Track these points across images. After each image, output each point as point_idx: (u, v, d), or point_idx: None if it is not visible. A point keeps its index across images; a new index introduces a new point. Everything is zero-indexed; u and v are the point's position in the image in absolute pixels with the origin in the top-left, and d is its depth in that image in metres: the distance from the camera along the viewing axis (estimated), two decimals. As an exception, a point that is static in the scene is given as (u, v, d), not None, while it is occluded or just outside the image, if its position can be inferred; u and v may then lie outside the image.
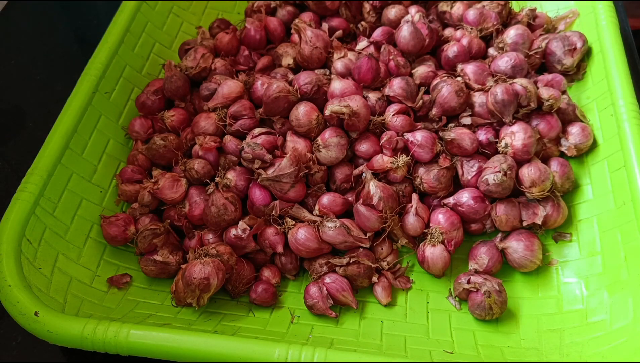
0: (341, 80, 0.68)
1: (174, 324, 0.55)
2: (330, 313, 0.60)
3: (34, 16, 0.97)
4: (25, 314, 0.51)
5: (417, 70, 0.73)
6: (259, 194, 0.64)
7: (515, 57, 0.72)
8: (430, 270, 0.64)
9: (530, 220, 0.64)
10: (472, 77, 0.71)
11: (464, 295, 0.61)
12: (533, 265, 0.62)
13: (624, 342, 0.52)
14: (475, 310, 0.60)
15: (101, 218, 0.64)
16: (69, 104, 0.66)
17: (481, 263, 0.63)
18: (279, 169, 0.62)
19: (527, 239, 0.63)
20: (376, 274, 0.63)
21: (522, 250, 0.62)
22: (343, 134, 0.66)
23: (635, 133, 0.62)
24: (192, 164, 0.66)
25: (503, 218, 0.64)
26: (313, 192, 0.65)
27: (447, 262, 0.63)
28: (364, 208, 0.62)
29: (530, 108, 0.67)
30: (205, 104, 0.71)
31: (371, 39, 0.75)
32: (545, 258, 0.64)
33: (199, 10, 0.89)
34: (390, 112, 0.67)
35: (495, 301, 0.58)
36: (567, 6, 0.81)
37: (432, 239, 0.63)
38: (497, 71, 0.72)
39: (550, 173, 0.64)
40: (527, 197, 0.65)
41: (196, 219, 0.65)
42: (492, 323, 0.60)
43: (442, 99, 0.67)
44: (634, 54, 0.81)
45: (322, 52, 0.73)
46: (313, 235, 0.62)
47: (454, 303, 0.62)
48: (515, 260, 0.63)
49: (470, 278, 0.60)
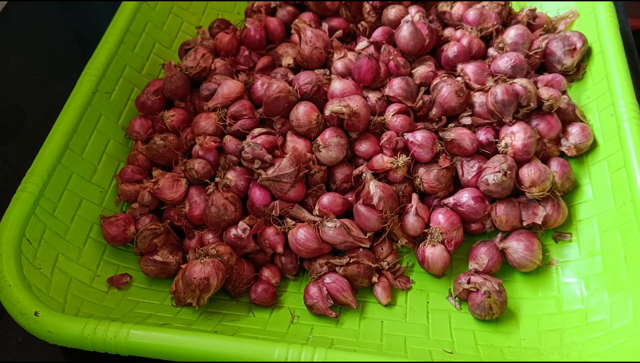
0: (341, 80, 0.68)
1: (174, 324, 0.55)
2: (330, 313, 0.60)
3: (34, 16, 0.97)
4: (25, 314, 0.51)
5: (417, 70, 0.73)
6: (259, 194, 0.64)
7: (515, 57, 0.72)
8: (430, 270, 0.64)
9: (530, 220, 0.64)
10: (472, 77, 0.71)
11: (464, 295, 0.61)
12: (533, 265, 0.62)
13: (624, 342, 0.52)
14: (475, 310, 0.60)
15: (101, 218, 0.64)
16: (69, 104, 0.66)
17: (481, 263, 0.63)
18: (279, 169, 0.62)
19: (527, 239, 0.63)
20: (376, 274, 0.63)
21: (522, 250, 0.62)
22: (343, 134, 0.66)
23: (635, 133, 0.62)
24: (192, 164, 0.66)
25: (503, 218, 0.64)
26: (313, 192, 0.65)
27: (447, 262, 0.63)
28: (364, 208, 0.62)
29: (530, 108, 0.67)
30: (205, 104, 0.71)
31: (371, 39, 0.75)
32: (545, 258, 0.64)
33: (199, 10, 0.89)
34: (390, 112, 0.67)
35: (495, 301, 0.58)
36: (567, 6, 0.81)
37: (432, 239, 0.63)
38: (497, 71, 0.72)
39: (550, 173, 0.64)
40: (527, 197, 0.65)
41: (196, 219, 0.65)
42: (492, 323, 0.60)
43: (442, 99, 0.67)
44: (634, 54, 0.81)
45: (322, 52, 0.73)
46: (313, 235, 0.62)
47: (454, 303, 0.62)
48: (515, 260, 0.63)
49: (470, 278, 0.60)
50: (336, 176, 0.66)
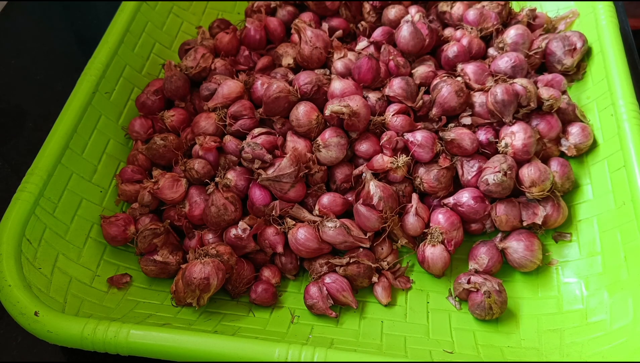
0: (341, 80, 0.68)
1: (174, 324, 0.55)
2: (330, 313, 0.60)
3: (34, 16, 0.97)
4: (25, 314, 0.51)
5: (417, 70, 0.73)
6: (259, 194, 0.64)
7: (515, 57, 0.72)
8: (430, 270, 0.64)
9: (530, 220, 0.64)
10: (472, 77, 0.71)
11: (464, 295, 0.61)
12: (533, 265, 0.62)
13: (624, 342, 0.52)
14: (475, 310, 0.60)
15: (101, 218, 0.64)
16: (69, 104, 0.66)
17: (481, 263, 0.63)
18: (279, 169, 0.62)
19: (527, 239, 0.63)
20: (376, 274, 0.63)
21: (522, 250, 0.62)
22: (343, 134, 0.66)
23: (635, 133, 0.62)
24: (192, 164, 0.66)
25: (503, 218, 0.64)
26: (313, 192, 0.65)
27: (447, 262, 0.63)
28: (364, 208, 0.62)
29: (530, 108, 0.67)
30: (205, 104, 0.71)
31: (371, 39, 0.75)
32: (545, 258, 0.64)
33: (199, 10, 0.89)
34: (390, 112, 0.67)
35: (495, 302, 0.58)
36: (567, 6, 0.81)
37: (432, 239, 0.63)
38: (497, 71, 0.72)
39: (550, 173, 0.64)
40: (527, 197, 0.65)
41: (196, 220, 0.65)
42: (492, 323, 0.60)
43: (442, 99, 0.67)
44: (634, 54, 0.81)
45: (322, 52, 0.73)
46: (313, 235, 0.62)
47: (454, 303, 0.62)
48: (515, 260, 0.63)
49: (470, 278, 0.60)
50: (336, 176, 0.66)
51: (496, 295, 0.59)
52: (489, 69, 0.73)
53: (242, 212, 0.65)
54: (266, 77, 0.72)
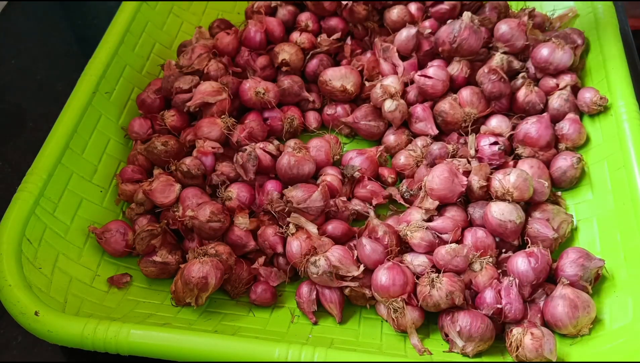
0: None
1: (174, 324, 0.55)
2: (311, 317, 0.59)
3: (34, 16, 0.97)
4: (26, 314, 0.51)
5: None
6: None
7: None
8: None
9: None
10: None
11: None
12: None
13: (623, 342, 0.52)
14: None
15: (93, 233, 0.62)
16: (69, 104, 0.66)
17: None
18: (310, 201, 0.62)
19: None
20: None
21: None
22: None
23: (635, 133, 0.62)
24: (184, 160, 0.66)
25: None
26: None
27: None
28: (368, 241, 0.60)
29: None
30: (185, 106, 0.70)
31: (402, 76, 0.74)
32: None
33: (199, 10, 0.89)
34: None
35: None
36: (566, 6, 0.81)
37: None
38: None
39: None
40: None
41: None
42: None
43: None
44: (634, 54, 0.81)
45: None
46: (306, 248, 0.60)
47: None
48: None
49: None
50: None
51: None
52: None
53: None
54: (253, 80, 0.73)
